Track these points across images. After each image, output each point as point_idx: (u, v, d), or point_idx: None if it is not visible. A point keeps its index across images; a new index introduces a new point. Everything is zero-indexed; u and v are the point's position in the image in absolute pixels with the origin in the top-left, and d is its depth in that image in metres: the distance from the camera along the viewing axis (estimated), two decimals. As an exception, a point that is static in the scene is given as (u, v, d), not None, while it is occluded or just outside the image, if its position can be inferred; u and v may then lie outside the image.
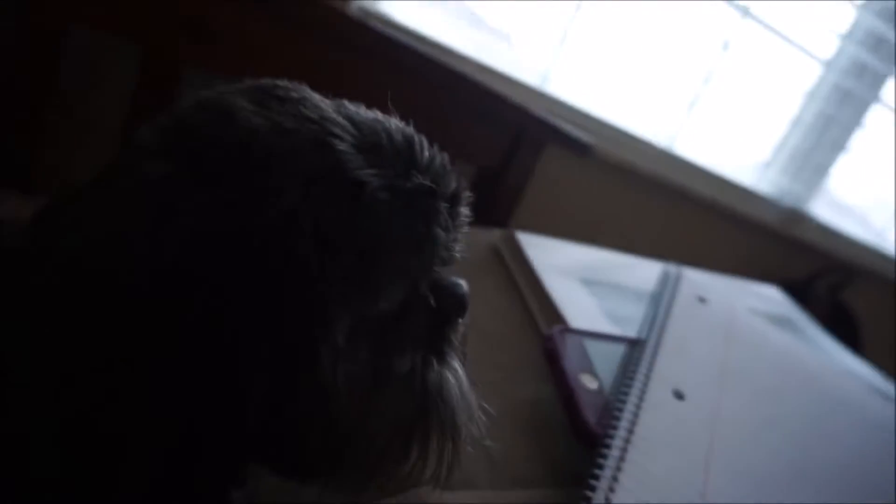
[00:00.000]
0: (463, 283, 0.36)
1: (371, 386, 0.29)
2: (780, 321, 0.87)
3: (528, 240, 0.76)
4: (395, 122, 0.32)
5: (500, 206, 0.97)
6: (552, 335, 0.56)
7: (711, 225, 1.37)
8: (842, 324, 1.46)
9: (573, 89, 1.31)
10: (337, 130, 0.28)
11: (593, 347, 0.57)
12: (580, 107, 1.30)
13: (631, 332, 0.61)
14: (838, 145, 1.69)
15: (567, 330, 0.58)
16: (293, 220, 0.26)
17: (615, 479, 0.44)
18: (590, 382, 0.53)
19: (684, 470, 0.47)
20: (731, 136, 1.59)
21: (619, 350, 0.58)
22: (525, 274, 0.72)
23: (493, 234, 0.80)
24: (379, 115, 0.32)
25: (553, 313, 0.65)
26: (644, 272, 0.74)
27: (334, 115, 0.29)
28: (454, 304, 0.35)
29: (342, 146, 0.28)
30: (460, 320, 0.35)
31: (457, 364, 0.34)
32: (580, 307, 0.67)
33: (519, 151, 0.95)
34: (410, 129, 0.33)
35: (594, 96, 1.34)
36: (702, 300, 0.68)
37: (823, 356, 0.81)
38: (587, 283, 0.73)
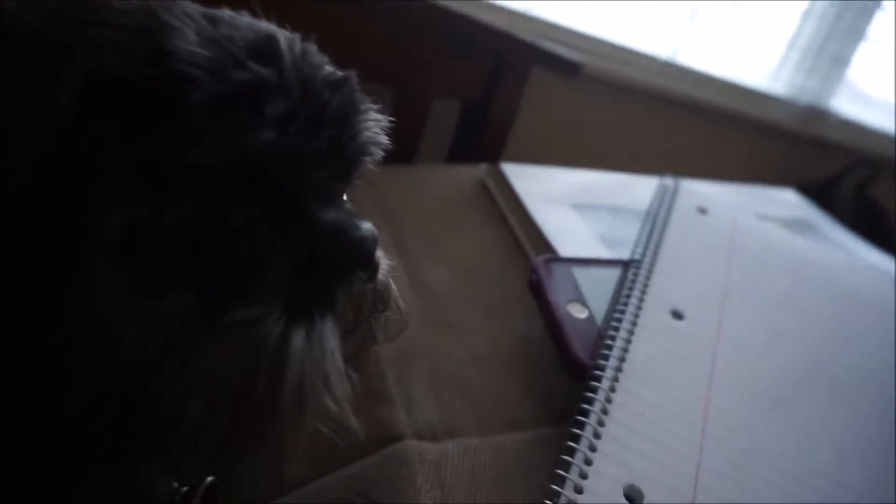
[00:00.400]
0: (365, 226, 0.28)
1: (170, 324, 0.24)
2: (798, 225, 0.81)
3: (515, 170, 0.72)
4: (272, 27, 0.27)
5: (488, 140, 0.92)
6: (536, 266, 0.52)
7: (723, 134, 1.29)
8: (872, 222, 1.38)
9: (562, 10, 1.24)
10: (178, 20, 0.24)
11: (583, 275, 0.53)
12: (570, 26, 1.22)
13: (627, 254, 0.57)
14: (856, 33, 1.58)
15: (553, 259, 0.54)
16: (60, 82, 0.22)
17: (605, 412, 0.40)
18: (578, 312, 0.49)
19: (684, 394, 0.43)
20: (739, 41, 1.49)
21: (612, 275, 0.54)
22: (512, 206, 0.67)
23: (479, 170, 0.76)
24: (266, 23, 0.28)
25: (542, 244, 0.61)
26: (642, 191, 0.69)
27: (190, 10, 0.25)
28: (339, 251, 0.27)
29: (175, 23, 0.24)
30: (361, 276, 0.29)
31: (329, 328, 0.26)
32: (572, 234, 0.63)
33: (501, 79, 0.89)
34: (288, 34, 0.28)
35: (586, 15, 1.26)
36: (702, 211, 0.63)
37: (844, 257, 0.76)
38: (580, 208, 0.68)
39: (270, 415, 0.24)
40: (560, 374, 0.47)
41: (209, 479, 0.38)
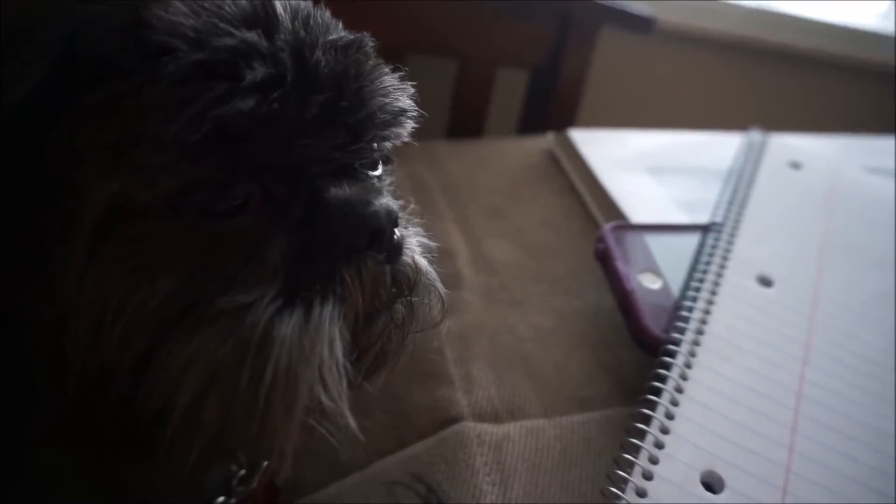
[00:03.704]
0: (379, 202, 0.26)
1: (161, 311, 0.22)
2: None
3: (584, 136, 0.67)
4: None
5: (558, 109, 0.87)
6: (603, 234, 0.48)
7: (818, 82, 1.16)
8: None
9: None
10: None
11: (657, 243, 0.49)
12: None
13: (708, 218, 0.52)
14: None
15: (622, 226, 0.50)
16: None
17: (679, 390, 0.36)
18: (651, 282, 0.45)
19: (773, 370, 0.39)
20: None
21: (690, 242, 0.49)
22: (581, 174, 0.63)
23: (547, 139, 0.72)
24: None
25: (614, 212, 0.57)
26: (726, 150, 0.63)
27: None
28: (343, 229, 0.25)
29: None
30: (375, 256, 0.26)
31: (328, 313, 0.24)
32: (647, 201, 0.58)
33: (568, 42, 0.84)
34: (296, 1, 0.26)
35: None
36: (795, 165, 0.56)
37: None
38: (656, 172, 0.63)
39: (255, 405, 0.23)
40: (632, 350, 0.43)
41: (267, 461, 0.38)
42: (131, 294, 0.23)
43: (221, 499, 0.34)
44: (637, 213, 0.56)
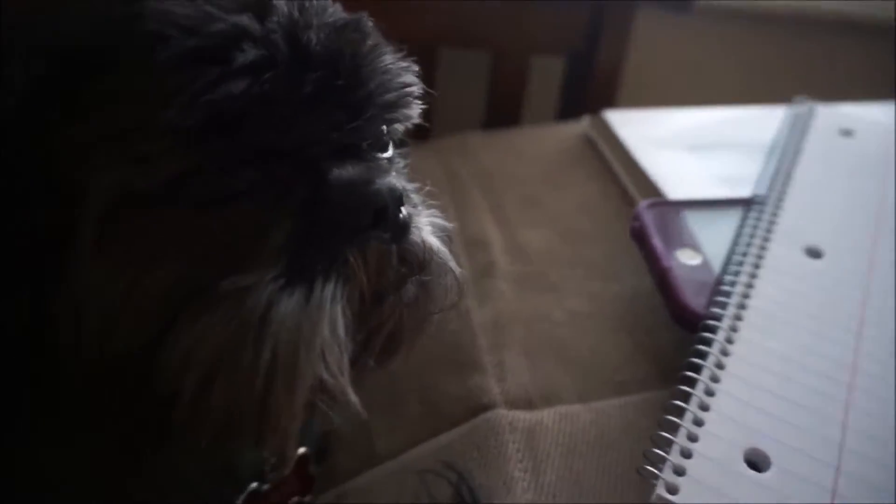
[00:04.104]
0: (383, 182, 0.26)
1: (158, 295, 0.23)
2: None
3: (620, 117, 0.65)
4: None
5: (596, 94, 0.85)
6: (639, 211, 0.46)
7: (867, 49, 1.09)
8: None
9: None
10: None
11: (697, 219, 0.47)
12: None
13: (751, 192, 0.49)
14: None
15: (659, 203, 0.48)
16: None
17: (720, 366, 0.34)
18: (690, 258, 0.43)
19: (824, 344, 0.36)
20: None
21: (733, 217, 0.47)
22: (618, 155, 0.61)
23: (582, 124, 0.70)
24: None
25: (653, 192, 0.54)
26: (770, 123, 0.60)
27: None
28: (345, 208, 0.25)
29: None
30: (380, 235, 0.26)
31: (329, 292, 0.24)
32: (688, 179, 0.56)
33: (604, 25, 0.82)
34: None
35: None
36: (846, 133, 0.53)
37: None
38: (697, 149, 0.60)
39: (256, 385, 0.22)
40: (673, 331, 0.41)
41: (302, 449, 0.38)
42: (137, 282, 0.23)
43: (254, 485, 0.35)
44: (677, 191, 0.53)
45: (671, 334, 0.42)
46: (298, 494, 0.37)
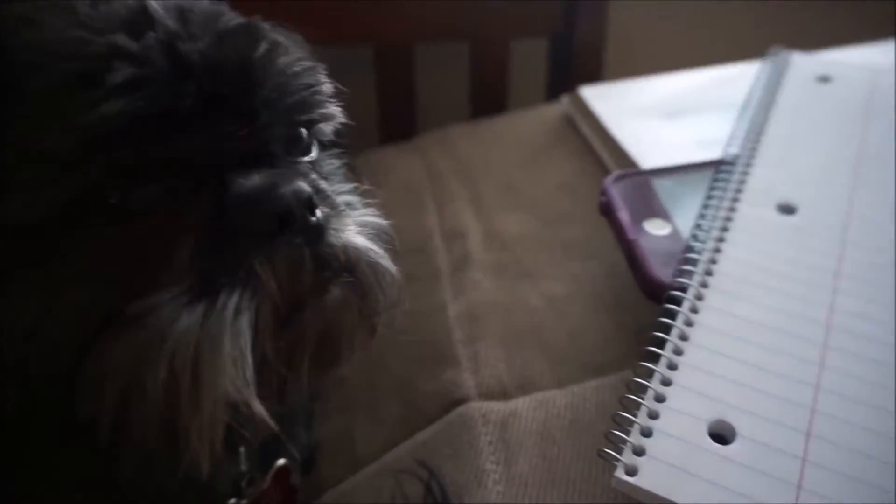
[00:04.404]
0: (290, 186, 0.25)
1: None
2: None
3: (596, 92, 0.64)
4: None
5: (580, 72, 0.83)
6: (605, 186, 0.45)
7: None
8: None
9: None
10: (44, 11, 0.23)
11: (667, 187, 0.45)
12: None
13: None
14: None
15: (626, 174, 0.46)
16: None
17: (683, 337, 0.33)
18: (658, 228, 0.41)
19: (796, 303, 0.34)
20: None
21: (705, 180, 0.45)
22: (596, 131, 0.60)
23: (563, 103, 0.69)
24: None
25: (629, 164, 0.53)
26: (750, 80, 0.58)
27: None
28: (248, 215, 0.24)
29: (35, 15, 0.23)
30: (290, 240, 0.25)
31: (233, 304, 0.23)
32: (666, 146, 0.54)
33: (580, 1, 0.80)
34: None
35: None
36: (824, 79, 0.51)
37: None
38: (674, 115, 0.59)
39: (161, 406, 0.22)
40: (655, 308, 0.40)
41: (280, 461, 0.38)
42: (48, 310, 0.23)
43: (233, 501, 0.35)
44: (655, 160, 0.52)
45: (651, 311, 0.41)
46: (281, 506, 0.37)
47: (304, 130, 0.30)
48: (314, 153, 0.31)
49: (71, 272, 0.23)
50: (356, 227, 0.28)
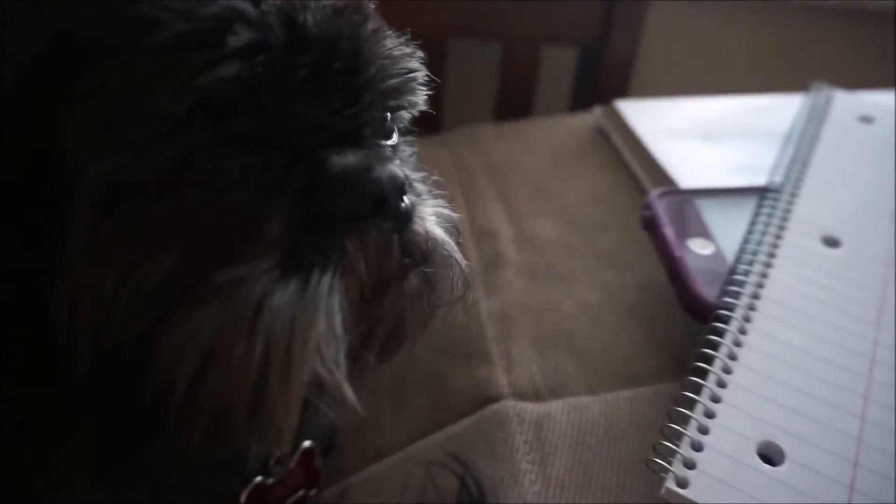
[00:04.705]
0: (384, 169, 0.24)
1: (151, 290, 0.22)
2: None
3: (633, 107, 0.64)
4: None
5: (609, 84, 0.83)
6: (649, 200, 0.45)
7: (884, 36, 1.06)
8: None
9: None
10: None
11: (710, 207, 0.46)
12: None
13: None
14: None
15: (670, 192, 0.47)
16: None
17: (732, 357, 0.34)
18: (702, 248, 0.42)
19: (841, 334, 0.35)
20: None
21: (748, 205, 0.45)
22: (631, 145, 0.60)
23: (594, 114, 0.69)
24: None
25: (665, 181, 0.53)
26: (787, 111, 0.58)
27: None
28: (344, 197, 0.24)
29: None
30: (381, 224, 0.25)
31: (326, 283, 0.23)
32: (701, 168, 0.55)
33: (617, 14, 0.81)
34: None
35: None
36: (866, 119, 0.52)
37: None
38: (712, 138, 0.59)
39: (249, 379, 0.22)
40: (686, 323, 0.40)
41: (306, 443, 0.37)
42: (130, 273, 0.23)
43: (259, 478, 0.34)
44: (690, 181, 0.52)
45: (684, 325, 0.41)
46: (304, 488, 0.36)
47: (388, 115, 0.29)
48: (395, 138, 0.30)
49: (161, 235, 0.23)
50: (434, 218, 0.28)
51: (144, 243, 0.23)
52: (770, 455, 0.30)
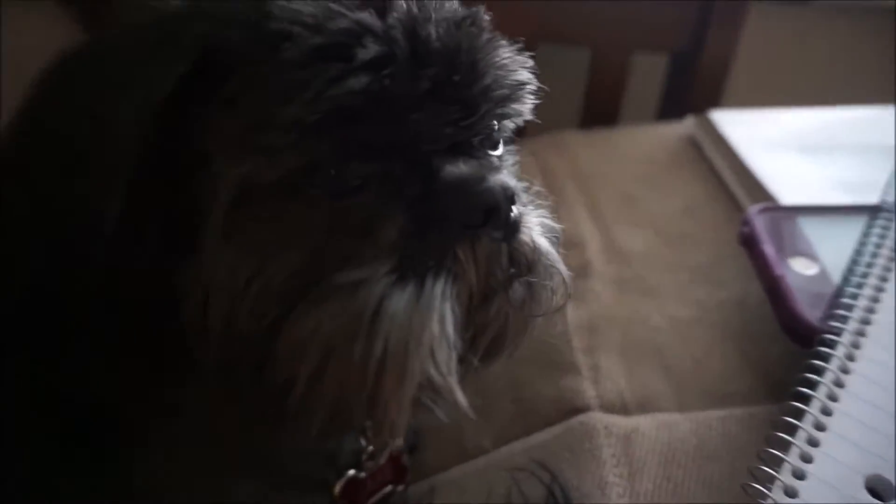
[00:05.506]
0: (495, 180, 0.25)
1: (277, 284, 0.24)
2: None
3: (727, 117, 0.62)
4: None
5: (700, 93, 0.81)
6: (749, 216, 0.44)
7: None
8: None
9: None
10: None
11: (813, 225, 0.44)
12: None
13: (874, 199, 0.46)
14: None
15: (771, 208, 0.45)
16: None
17: (839, 384, 0.32)
18: (805, 268, 0.40)
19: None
20: None
21: (855, 224, 0.43)
22: (725, 157, 0.59)
23: (686, 124, 0.68)
24: None
25: (762, 195, 0.52)
26: (891, 124, 0.55)
27: None
28: (457, 206, 0.24)
29: None
30: (492, 234, 0.25)
31: (439, 289, 0.24)
32: (800, 182, 0.53)
33: (712, 21, 0.78)
34: None
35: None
36: None
37: None
38: (811, 151, 0.57)
39: (367, 378, 0.23)
40: (783, 344, 0.39)
41: (398, 441, 0.38)
42: (260, 270, 0.24)
43: (352, 472, 0.35)
44: (789, 196, 0.50)
45: (780, 347, 0.40)
46: (392, 483, 0.37)
47: (496, 124, 0.30)
48: (500, 148, 0.31)
49: (288, 235, 0.24)
50: (539, 228, 0.29)
51: (272, 242, 0.24)
52: (879, 490, 0.28)
